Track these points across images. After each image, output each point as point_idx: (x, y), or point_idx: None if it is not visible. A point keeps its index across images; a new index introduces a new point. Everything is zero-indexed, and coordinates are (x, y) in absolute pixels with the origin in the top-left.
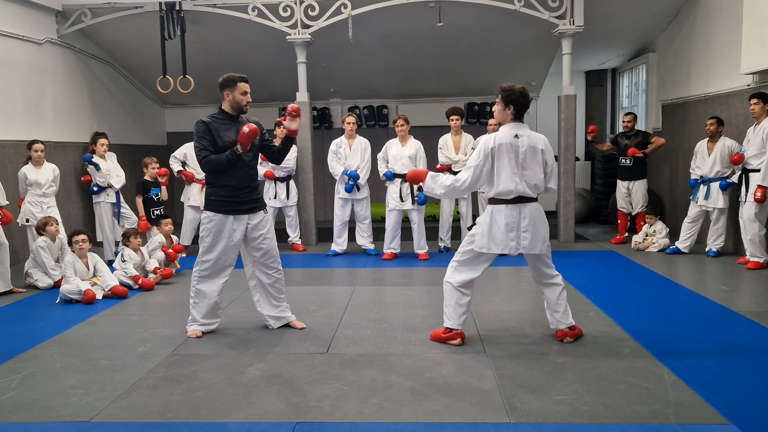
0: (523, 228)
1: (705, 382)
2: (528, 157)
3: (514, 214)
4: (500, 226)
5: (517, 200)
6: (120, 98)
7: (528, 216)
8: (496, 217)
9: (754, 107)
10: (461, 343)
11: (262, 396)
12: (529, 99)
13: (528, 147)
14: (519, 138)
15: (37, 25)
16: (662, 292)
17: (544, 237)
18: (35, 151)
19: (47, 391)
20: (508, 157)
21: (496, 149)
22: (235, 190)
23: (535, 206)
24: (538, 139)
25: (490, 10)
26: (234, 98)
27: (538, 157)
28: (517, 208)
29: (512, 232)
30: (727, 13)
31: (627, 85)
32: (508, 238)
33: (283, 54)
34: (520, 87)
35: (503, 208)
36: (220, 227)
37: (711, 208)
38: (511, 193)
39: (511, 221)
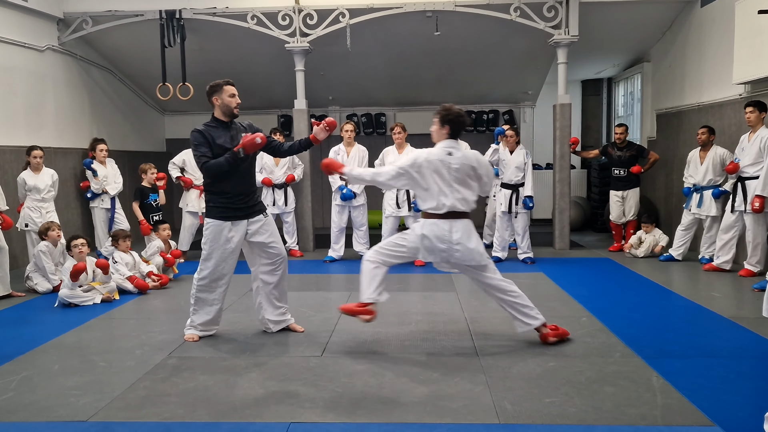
0: (455, 241)
1: (692, 385)
2: (460, 174)
3: (445, 228)
4: (431, 238)
5: (448, 215)
6: (120, 105)
7: (460, 230)
8: (427, 230)
9: (749, 115)
10: (370, 319)
11: (257, 397)
12: (466, 121)
13: (461, 164)
14: (452, 155)
15: (38, 32)
16: (654, 298)
17: (476, 250)
18: (34, 157)
19: (45, 392)
20: (439, 174)
21: (424, 164)
22: (233, 196)
23: (465, 222)
24: (471, 156)
25: (486, 20)
26: (223, 102)
27: (471, 174)
28: (449, 223)
29: (443, 245)
30: (720, 24)
31: (623, 95)
32: (438, 250)
33: (282, 62)
34: (457, 109)
35: (435, 221)
36: (217, 234)
37: (704, 215)
38: (443, 208)
39: (443, 234)
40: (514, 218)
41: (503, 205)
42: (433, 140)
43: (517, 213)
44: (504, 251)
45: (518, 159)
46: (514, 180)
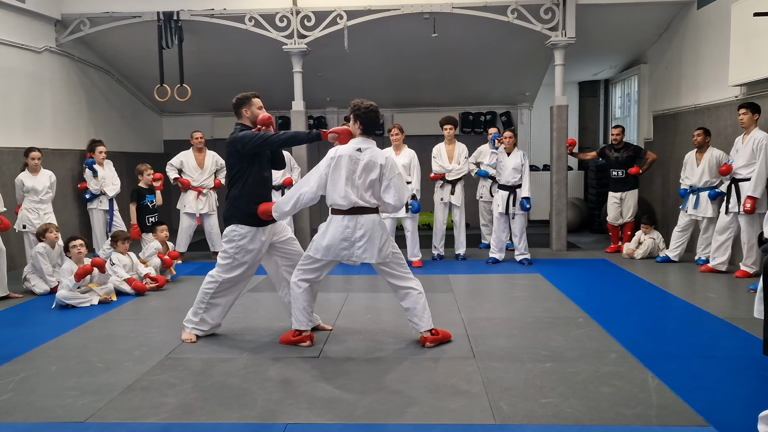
0: (357, 238)
1: (687, 386)
2: (365, 170)
3: (349, 225)
4: (334, 235)
5: (352, 211)
6: (118, 106)
7: (363, 227)
8: (331, 226)
9: (742, 117)
10: (310, 344)
11: (254, 398)
12: (376, 115)
13: (367, 161)
14: (361, 152)
15: (36, 33)
16: (651, 299)
17: (380, 247)
18: (32, 159)
19: (43, 393)
20: (346, 169)
21: (336, 159)
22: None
23: (371, 218)
24: (378, 155)
25: (483, 22)
26: (253, 113)
27: (376, 172)
28: (354, 219)
29: (345, 242)
30: (715, 26)
31: (619, 96)
32: (340, 248)
33: (280, 63)
34: (368, 103)
35: (339, 218)
36: (253, 240)
37: (700, 217)
38: (347, 204)
39: (346, 232)
40: (511, 219)
41: (500, 206)
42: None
43: (515, 214)
44: (501, 252)
45: (515, 160)
46: (511, 181)
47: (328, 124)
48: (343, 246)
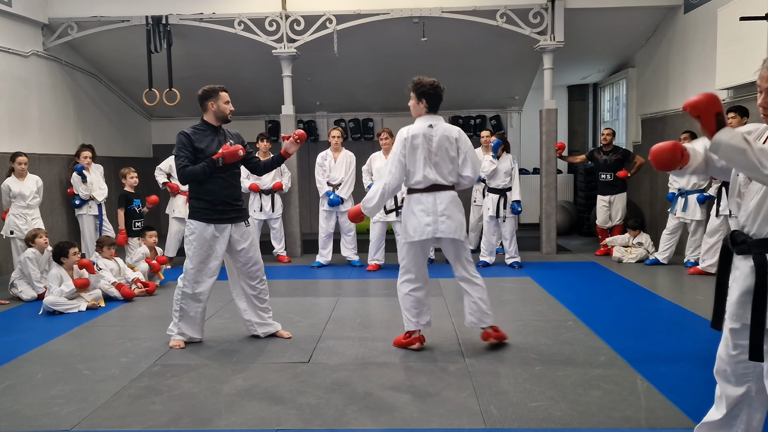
0: (440, 213)
1: (676, 388)
2: (441, 146)
3: (429, 201)
4: (416, 213)
5: (431, 188)
6: (106, 111)
7: (444, 202)
8: (413, 206)
9: (731, 121)
10: (420, 347)
11: (243, 404)
12: (441, 91)
13: (441, 136)
14: (433, 128)
15: (23, 37)
16: (640, 302)
17: (461, 223)
18: (18, 164)
19: (29, 401)
20: (422, 147)
21: (410, 140)
22: (217, 201)
23: (450, 194)
24: (451, 129)
25: (472, 26)
26: (219, 107)
27: (452, 146)
28: (433, 195)
29: (429, 217)
30: (702, 30)
31: (608, 100)
32: (424, 224)
33: (269, 67)
34: (430, 80)
35: (419, 196)
36: (200, 236)
37: (689, 220)
38: (426, 182)
39: (428, 207)
40: (501, 223)
41: (491, 209)
42: (413, 115)
43: (505, 217)
44: (491, 256)
45: (505, 164)
46: (501, 185)
47: (318, 127)
48: (427, 221)
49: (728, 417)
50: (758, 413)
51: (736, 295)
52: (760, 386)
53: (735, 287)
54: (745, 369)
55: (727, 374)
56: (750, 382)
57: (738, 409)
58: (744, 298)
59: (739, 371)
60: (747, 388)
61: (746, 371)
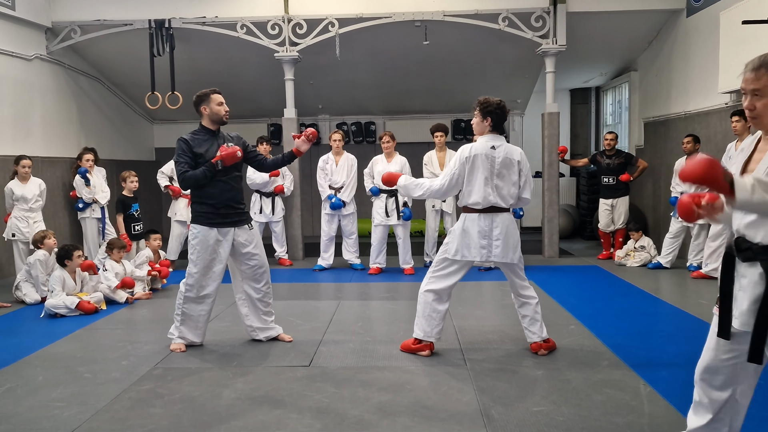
0: (495, 237)
1: (679, 394)
2: (503, 168)
3: (486, 223)
4: (473, 233)
5: (489, 210)
6: (109, 114)
7: (500, 225)
8: (468, 225)
9: (736, 125)
10: (430, 354)
11: (243, 408)
12: (506, 111)
13: (504, 158)
14: (495, 149)
15: (26, 41)
16: (643, 306)
17: (515, 246)
18: (23, 167)
19: (29, 405)
20: (483, 168)
21: (471, 159)
22: (219, 205)
23: (507, 216)
24: (514, 151)
25: (474, 30)
26: (212, 110)
27: (514, 169)
28: (490, 218)
29: (484, 240)
30: (705, 34)
31: (610, 103)
32: (479, 246)
33: (271, 71)
34: (497, 99)
35: (476, 216)
36: (204, 240)
37: (692, 223)
38: (485, 203)
39: (484, 229)
40: None
41: None
42: (475, 133)
43: None
44: None
45: None
46: None
47: (320, 130)
48: (482, 244)
49: (713, 421)
50: (740, 415)
51: (746, 304)
52: (744, 388)
53: (743, 296)
54: (734, 372)
55: (712, 380)
56: (735, 385)
57: (723, 412)
58: (754, 307)
59: (728, 375)
60: (732, 391)
61: (735, 374)
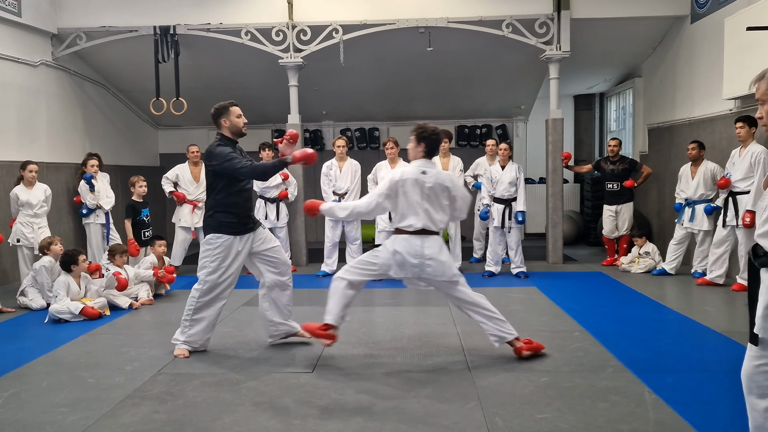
0: (427, 257)
1: (684, 401)
2: (432, 193)
3: (417, 244)
4: (404, 254)
5: (420, 232)
6: (113, 120)
7: (432, 247)
8: (399, 245)
9: (740, 131)
10: (331, 344)
11: (246, 414)
12: (440, 139)
13: (434, 184)
14: (426, 174)
15: (32, 47)
16: (647, 312)
17: (447, 264)
18: (29, 172)
19: (33, 409)
20: (412, 192)
21: (401, 183)
22: (243, 213)
23: (437, 239)
24: (445, 177)
25: (478, 36)
26: (232, 122)
27: (444, 195)
28: (420, 239)
29: (416, 260)
30: (709, 40)
31: (614, 109)
32: (411, 265)
33: (276, 77)
34: (432, 126)
35: (407, 237)
36: (229, 248)
37: (696, 230)
38: (415, 227)
39: (415, 250)
40: (507, 233)
41: (496, 219)
42: (410, 158)
43: (510, 228)
44: (497, 265)
45: (511, 174)
46: (506, 195)
47: (324, 136)
48: (414, 263)
49: (755, 429)
50: None
51: (761, 309)
52: None
53: (761, 301)
54: (766, 380)
55: (750, 387)
56: None
57: (764, 419)
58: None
59: (763, 383)
60: None
61: None
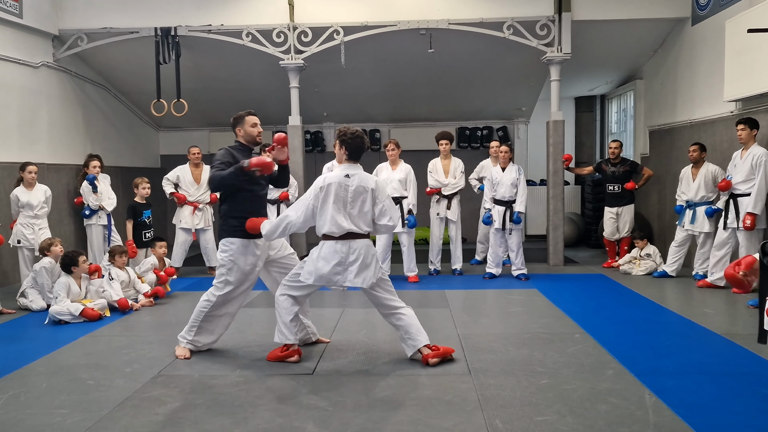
0: (349, 262)
1: (684, 403)
2: (356, 196)
3: (344, 249)
4: (327, 260)
5: (346, 236)
6: (114, 121)
7: (356, 251)
8: (324, 251)
9: (741, 133)
10: (299, 359)
11: (246, 415)
12: (362, 141)
13: (357, 186)
14: (349, 177)
15: (33, 49)
16: (648, 314)
17: (373, 272)
18: (29, 173)
19: (32, 411)
20: (336, 195)
21: (325, 188)
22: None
23: (364, 242)
24: (368, 179)
25: (479, 38)
26: (246, 131)
27: (367, 196)
28: (347, 244)
29: (339, 266)
30: (710, 42)
31: (615, 111)
32: (333, 272)
33: (277, 78)
34: (353, 129)
35: (332, 243)
36: (244, 250)
37: (697, 232)
38: (339, 231)
39: (339, 256)
40: (508, 235)
41: (497, 221)
42: (336, 162)
43: (511, 230)
44: (498, 267)
45: (511, 175)
46: (507, 197)
47: (325, 137)
48: (336, 270)
49: None
50: None
51: None
52: None
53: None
54: None
55: None
56: None
57: None
58: None
59: None
60: None
61: None
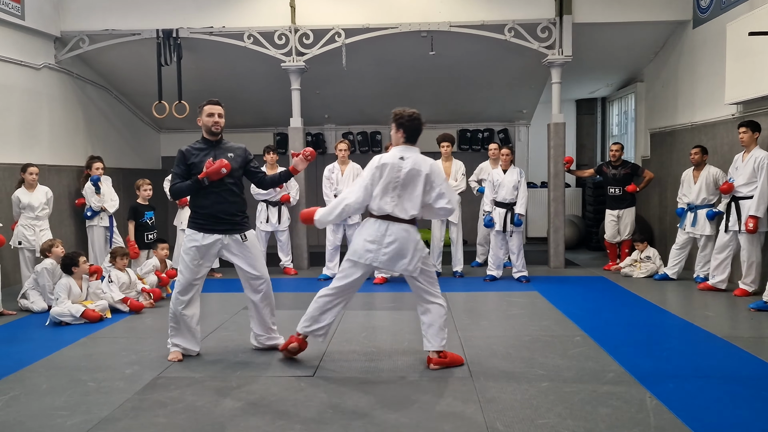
0: (385, 244)
1: (686, 406)
2: (408, 179)
3: (380, 229)
4: (364, 236)
5: (385, 218)
6: (116, 123)
7: (393, 234)
8: (364, 226)
9: (743, 135)
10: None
11: (246, 418)
12: (420, 123)
13: (410, 170)
14: (404, 160)
15: (35, 50)
16: (649, 317)
17: (410, 259)
18: (30, 174)
19: (33, 413)
20: (388, 176)
21: (380, 167)
22: (208, 216)
23: (403, 227)
24: (423, 163)
25: (481, 40)
26: (203, 122)
27: (420, 181)
28: (386, 224)
29: (373, 244)
30: (711, 45)
31: (617, 114)
32: (365, 248)
33: (278, 80)
34: (410, 111)
35: (372, 220)
36: (190, 243)
37: (698, 235)
38: (379, 213)
39: (376, 234)
40: (508, 237)
41: (498, 223)
42: (392, 144)
43: (512, 232)
44: (499, 270)
45: (513, 177)
46: (508, 199)
47: (326, 139)
48: (369, 248)
49: None
50: None
51: None
52: None
53: None
54: None
55: None
56: None
57: None
58: None
59: None
60: None
61: None
